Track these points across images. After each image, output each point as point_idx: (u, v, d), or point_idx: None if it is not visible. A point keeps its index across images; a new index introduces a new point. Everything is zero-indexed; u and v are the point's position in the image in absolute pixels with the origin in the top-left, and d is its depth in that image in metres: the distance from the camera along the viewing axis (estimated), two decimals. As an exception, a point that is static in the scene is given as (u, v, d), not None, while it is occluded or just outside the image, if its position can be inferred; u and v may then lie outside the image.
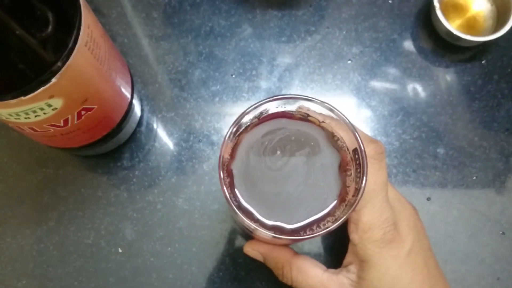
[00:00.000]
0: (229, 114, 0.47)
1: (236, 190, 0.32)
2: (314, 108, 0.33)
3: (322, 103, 0.32)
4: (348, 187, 0.32)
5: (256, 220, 0.31)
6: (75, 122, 0.35)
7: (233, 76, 0.48)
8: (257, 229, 0.30)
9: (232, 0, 0.50)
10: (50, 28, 0.28)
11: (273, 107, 0.33)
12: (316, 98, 0.32)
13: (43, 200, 0.45)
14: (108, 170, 0.46)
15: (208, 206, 0.45)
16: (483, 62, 0.49)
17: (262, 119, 0.34)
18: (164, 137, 0.47)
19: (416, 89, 0.48)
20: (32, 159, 0.46)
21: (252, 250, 0.39)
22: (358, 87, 0.48)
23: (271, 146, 0.33)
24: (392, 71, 0.49)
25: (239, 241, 0.44)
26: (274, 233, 0.30)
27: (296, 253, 0.38)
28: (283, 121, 0.34)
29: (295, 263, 0.37)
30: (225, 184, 0.32)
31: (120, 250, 0.44)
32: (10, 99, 0.28)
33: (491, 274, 0.44)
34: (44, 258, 0.44)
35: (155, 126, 0.47)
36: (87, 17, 0.30)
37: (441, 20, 0.46)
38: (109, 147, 0.44)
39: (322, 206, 0.32)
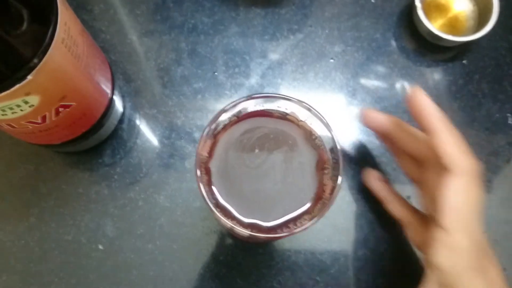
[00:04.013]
0: (212, 111, 0.47)
1: (214, 188, 0.32)
2: (292, 107, 0.33)
3: (300, 102, 0.32)
4: (325, 185, 0.33)
5: (234, 218, 0.32)
6: (53, 118, 0.34)
7: (216, 73, 0.48)
8: (233, 227, 0.30)
9: (216, -2, 0.50)
10: (25, 25, 0.28)
11: (252, 106, 0.34)
12: (294, 97, 0.32)
13: (24, 196, 0.45)
14: (90, 167, 0.46)
15: (190, 203, 0.45)
16: (464, 62, 0.49)
17: (241, 117, 0.34)
18: (146, 134, 0.47)
19: (398, 88, 0.48)
20: (13, 155, 0.46)
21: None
22: (340, 86, 0.48)
23: (250, 144, 0.33)
24: (374, 70, 0.49)
25: (220, 238, 0.44)
26: (251, 231, 0.31)
27: None
28: (262, 120, 0.34)
29: None
30: (203, 182, 0.32)
31: (100, 247, 0.44)
32: (-15, 96, 0.28)
33: (469, 272, 0.45)
34: (25, 254, 0.44)
35: (137, 123, 0.47)
36: (64, 14, 0.30)
37: (422, 20, 0.46)
38: (90, 143, 0.44)
39: (299, 204, 0.32)
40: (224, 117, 0.33)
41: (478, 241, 0.32)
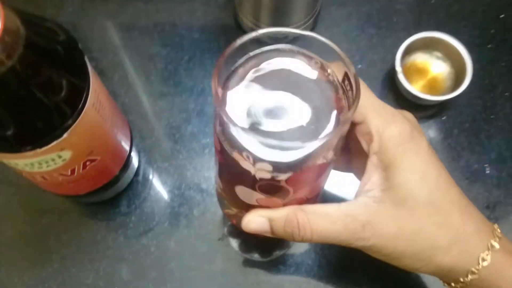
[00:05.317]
0: (218, 165, 0.52)
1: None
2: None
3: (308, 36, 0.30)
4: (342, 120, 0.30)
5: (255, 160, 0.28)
6: (81, 171, 0.40)
7: (221, 131, 0.53)
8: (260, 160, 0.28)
9: (221, 65, 0.57)
10: (64, 93, 0.33)
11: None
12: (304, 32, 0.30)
13: (48, 243, 0.49)
14: (107, 216, 0.50)
15: (197, 248, 0.49)
16: (443, 118, 0.55)
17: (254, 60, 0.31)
18: (158, 186, 0.52)
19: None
20: (38, 206, 0.51)
21: (256, 216, 0.34)
22: (333, 141, 0.53)
23: (265, 85, 0.31)
24: (363, 126, 0.54)
25: (225, 281, 0.48)
26: (273, 171, 0.28)
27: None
28: (273, 57, 0.31)
29: (308, 209, 0.33)
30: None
31: (117, 290, 0.48)
32: (28, 151, 0.34)
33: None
34: (48, 297, 0.48)
35: (150, 176, 0.52)
36: (94, 83, 0.36)
37: (403, 83, 0.52)
38: (109, 194, 0.49)
39: (318, 143, 0.29)
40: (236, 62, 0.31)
41: (399, 121, 0.33)
